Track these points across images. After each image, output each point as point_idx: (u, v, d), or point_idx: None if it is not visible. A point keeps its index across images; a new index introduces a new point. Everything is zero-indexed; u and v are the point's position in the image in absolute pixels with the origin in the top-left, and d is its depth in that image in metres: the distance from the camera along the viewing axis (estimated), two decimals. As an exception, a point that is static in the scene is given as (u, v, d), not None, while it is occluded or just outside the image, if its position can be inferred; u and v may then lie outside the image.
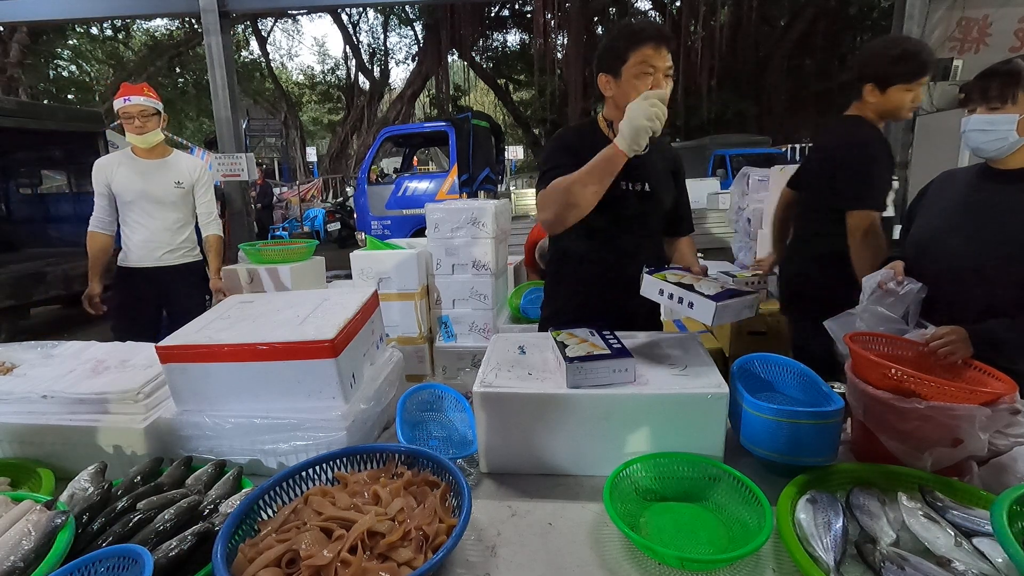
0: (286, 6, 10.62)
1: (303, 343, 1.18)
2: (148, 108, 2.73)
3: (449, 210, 3.04)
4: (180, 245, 2.91)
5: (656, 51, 1.47)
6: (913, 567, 0.81)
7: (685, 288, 1.31)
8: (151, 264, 2.85)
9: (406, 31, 22.48)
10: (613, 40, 1.54)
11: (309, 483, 1.03)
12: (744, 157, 12.84)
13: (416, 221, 8.30)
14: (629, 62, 1.49)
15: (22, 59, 13.04)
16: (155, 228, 2.84)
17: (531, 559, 0.93)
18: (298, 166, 21.97)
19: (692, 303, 1.27)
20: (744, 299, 1.28)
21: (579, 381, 1.14)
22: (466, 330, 3.15)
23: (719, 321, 1.24)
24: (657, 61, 1.47)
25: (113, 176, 2.78)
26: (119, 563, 0.81)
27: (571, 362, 1.15)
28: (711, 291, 1.27)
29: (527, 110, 22.96)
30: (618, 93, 1.55)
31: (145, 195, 2.79)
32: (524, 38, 20.96)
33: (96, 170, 2.80)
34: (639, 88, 1.48)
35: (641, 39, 1.47)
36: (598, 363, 1.15)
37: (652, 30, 1.49)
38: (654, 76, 1.48)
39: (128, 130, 2.73)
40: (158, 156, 2.85)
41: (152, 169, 2.82)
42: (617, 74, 1.53)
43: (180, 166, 2.90)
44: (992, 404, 0.98)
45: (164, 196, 2.82)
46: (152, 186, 2.80)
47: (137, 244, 2.84)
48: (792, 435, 1.08)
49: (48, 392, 1.24)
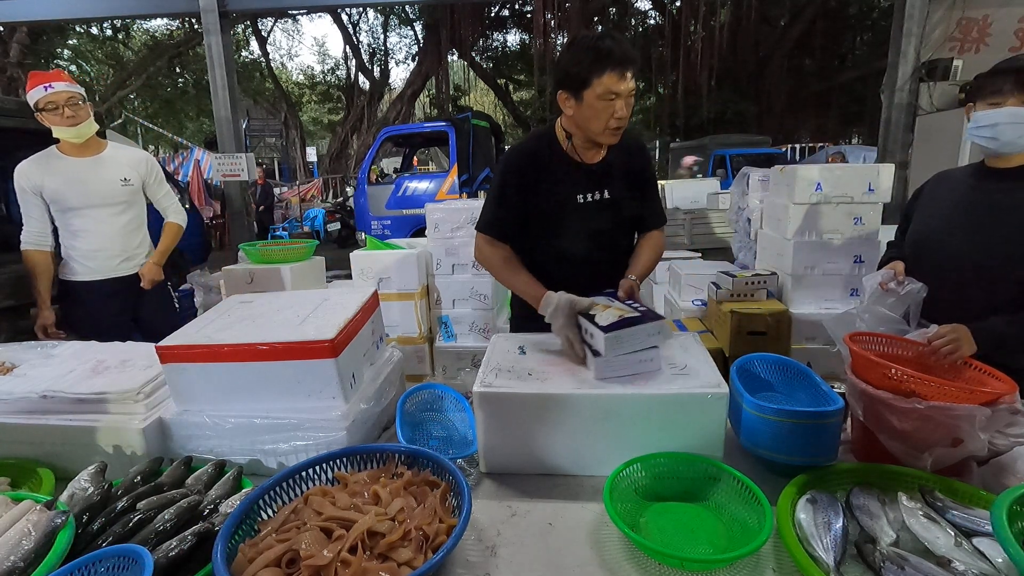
0: (286, 6, 10.63)
1: (303, 343, 1.18)
2: (77, 94, 2.32)
3: (449, 210, 3.04)
4: (136, 250, 2.55)
5: (620, 78, 1.43)
6: (913, 567, 0.81)
7: (588, 319, 1.29)
8: (105, 276, 2.48)
9: (406, 31, 22.48)
10: (576, 62, 1.47)
11: (309, 483, 1.03)
12: (744, 157, 12.85)
13: (416, 221, 8.30)
14: (591, 87, 1.45)
15: (22, 59, 13.04)
16: (105, 235, 2.44)
17: (531, 559, 0.93)
18: (298, 166, 21.95)
19: (592, 333, 1.25)
20: (643, 327, 1.21)
21: (617, 351, 1.17)
22: (466, 330, 3.15)
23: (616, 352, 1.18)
24: (620, 87, 1.44)
25: (43, 181, 2.35)
26: (119, 563, 0.82)
27: (608, 331, 1.17)
28: (607, 321, 1.23)
29: (527, 110, 22.96)
30: (578, 115, 1.53)
31: (88, 199, 2.38)
32: (524, 38, 20.95)
33: (19, 176, 2.34)
34: (601, 114, 1.48)
35: (604, 66, 1.42)
36: (634, 328, 1.19)
37: (616, 55, 1.42)
38: (616, 101, 1.45)
39: (55, 123, 2.29)
40: (93, 152, 2.43)
41: (90, 168, 2.40)
42: (578, 97, 1.49)
43: (122, 160, 2.49)
44: (992, 404, 0.98)
45: (111, 197, 2.42)
46: (95, 187, 2.39)
47: (85, 255, 2.44)
48: (792, 435, 1.08)
49: (48, 392, 1.24)
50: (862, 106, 17.58)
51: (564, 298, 1.37)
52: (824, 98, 18.99)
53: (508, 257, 1.67)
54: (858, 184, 2.79)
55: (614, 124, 1.49)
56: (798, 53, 17.97)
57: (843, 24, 17.36)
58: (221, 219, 11.06)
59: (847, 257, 2.86)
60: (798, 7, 16.77)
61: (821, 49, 17.50)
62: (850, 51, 18.79)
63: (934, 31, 5.00)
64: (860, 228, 2.83)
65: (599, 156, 1.65)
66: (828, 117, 19.50)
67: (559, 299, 1.37)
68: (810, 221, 2.85)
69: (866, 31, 18.03)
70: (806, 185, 2.82)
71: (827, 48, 17.74)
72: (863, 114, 18.13)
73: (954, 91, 4.92)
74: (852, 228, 2.83)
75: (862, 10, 17.43)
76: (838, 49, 18.37)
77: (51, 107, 2.28)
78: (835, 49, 18.27)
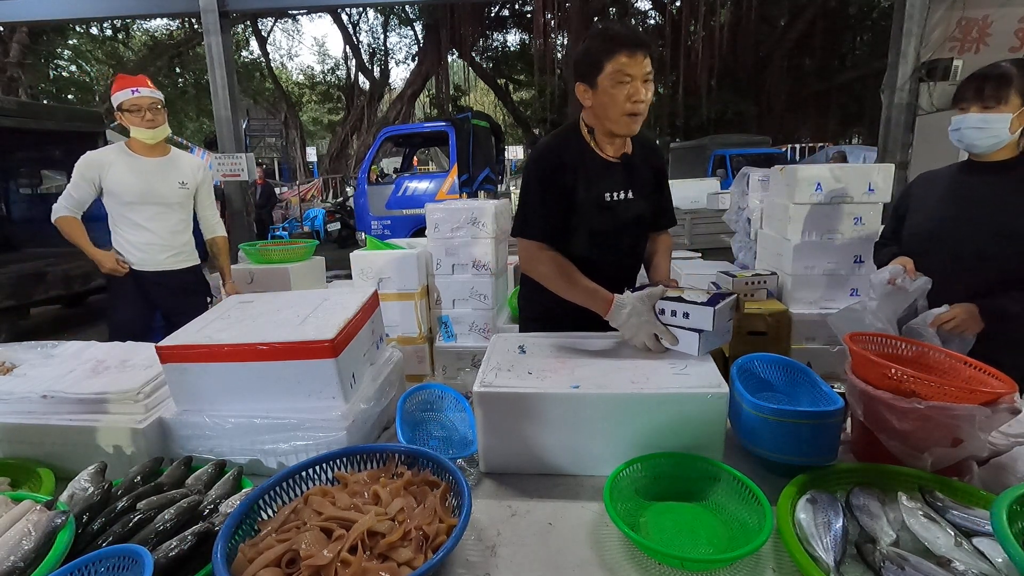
0: (286, 6, 10.63)
1: (303, 343, 1.18)
2: (158, 100, 2.56)
3: (449, 210, 3.04)
4: (182, 248, 2.77)
5: (631, 58, 1.42)
6: (913, 567, 0.81)
7: (675, 300, 1.32)
8: (152, 268, 2.68)
9: (406, 31, 22.49)
10: (587, 49, 1.48)
11: (309, 483, 1.03)
12: (744, 157, 12.86)
13: (416, 221, 8.30)
14: (605, 71, 1.44)
15: (22, 59, 13.03)
16: (159, 230, 2.66)
17: (531, 559, 0.93)
18: (298, 166, 21.96)
19: (687, 313, 1.29)
20: (731, 299, 1.34)
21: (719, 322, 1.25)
22: (466, 330, 3.15)
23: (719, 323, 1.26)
24: (633, 68, 1.42)
25: (107, 173, 2.55)
26: (119, 563, 0.81)
27: (713, 304, 1.24)
28: (702, 298, 1.30)
29: (527, 110, 22.96)
30: (596, 103, 1.51)
31: (149, 195, 2.61)
32: (524, 38, 20.96)
33: (85, 165, 2.55)
34: (616, 98, 1.46)
35: (615, 47, 1.42)
36: (727, 300, 1.30)
37: (626, 36, 1.43)
38: (631, 84, 1.44)
39: (135, 124, 2.52)
40: (160, 154, 2.67)
41: (154, 168, 2.63)
42: (593, 84, 1.49)
43: (183, 166, 2.74)
44: (992, 404, 0.98)
45: (169, 197, 2.65)
46: (156, 186, 2.62)
47: (138, 247, 2.65)
48: (792, 435, 1.08)
49: (48, 392, 1.24)
50: (862, 106, 17.59)
51: (636, 295, 1.36)
52: (824, 98, 19.00)
53: (562, 264, 1.56)
54: (858, 184, 2.79)
55: (630, 108, 1.46)
56: (798, 53, 17.98)
57: (843, 24, 17.37)
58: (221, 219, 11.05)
59: (847, 257, 2.86)
60: (798, 7, 16.77)
61: (821, 49, 17.51)
62: (850, 51, 18.79)
63: (934, 31, 5.00)
64: (860, 228, 2.83)
65: (620, 151, 1.62)
66: (828, 117, 19.51)
67: (633, 299, 1.35)
68: (810, 221, 2.86)
69: (866, 31, 18.04)
70: (806, 185, 2.82)
71: (827, 48, 17.74)
72: (863, 114, 18.14)
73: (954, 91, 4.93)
74: (852, 228, 2.84)
75: (862, 10, 17.43)
76: (838, 49, 18.37)
77: (134, 109, 2.49)
78: (835, 49, 18.27)
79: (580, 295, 1.50)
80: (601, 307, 1.42)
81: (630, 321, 1.34)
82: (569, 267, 1.55)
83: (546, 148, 1.63)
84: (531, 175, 1.60)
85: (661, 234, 1.80)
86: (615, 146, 1.61)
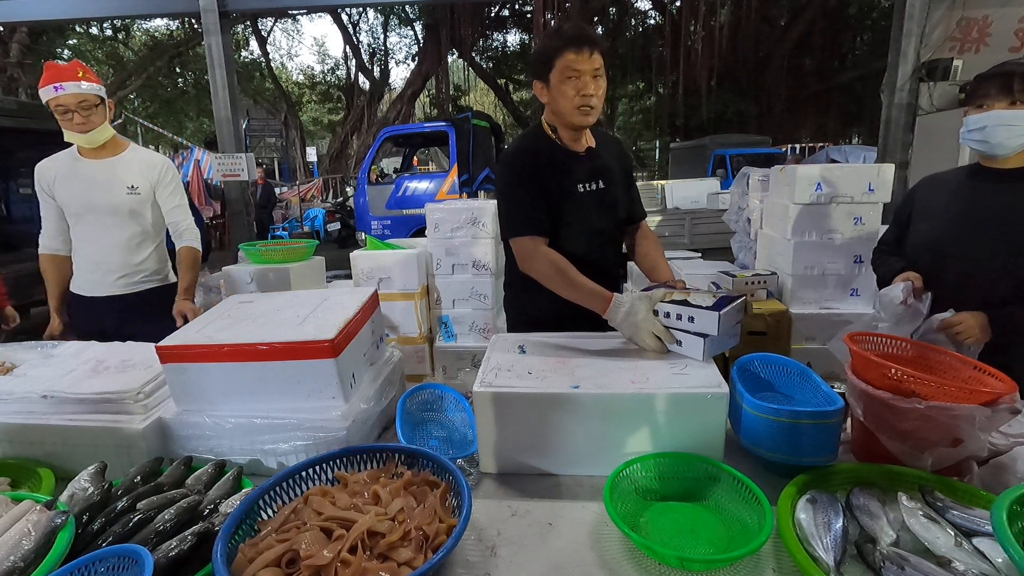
0: (286, 6, 10.62)
1: (303, 343, 1.18)
2: (89, 97, 2.04)
3: (449, 210, 3.04)
4: (138, 268, 2.25)
5: (579, 54, 1.49)
6: (913, 567, 0.81)
7: (680, 304, 1.30)
8: (103, 293, 2.22)
9: (406, 31, 22.47)
10: (540, 48, 1.59)
11: (309, 483, 1.03)
12: (744, 157, 12.86)
13: (416, 221, 8.30)
14: (555, 68, 1.53)
15: (22, 59, 13.01)
16: (105, 247, 2.20)
17: (531, 559, 0.93)
18: (298, 166, 21.95)
19: (692, 317, 1.27)
20: (738, 303, 1.31)
21: (725, 326, 1.22)
22: (466, 330, 3.15)
23: (723, 327, 1.24)
24: (581, 64, 1.50)
25: (55, 184, 2.15)
26: (119, 563, 0.82)
27: (719, 308, 1.22)
28: (708, 302, 1.28)
29: (527, 110, 22.94)
30: (550, 99, 1.60)
31: (91, 206, 2.16)
32: (524, 38, 20.94)
33: (37, 178, 2.17)
34: (567, 93, 1.53)
35: (563, 45, 1.51)
36: (734, 303, 1.27)
37: (573, 34, 1.51)
38: (580, 79, 1.51)
39: (66, 127, 2.06)
40: (108, 154, 2.19)
41: (98, 172, 2.16)
42: (547, 81, 1.57)
43: (132, 166, 2.21)
44: (992, 404, 0.98)
45: (117, 206, 2.16)
46: (99, 193, 2.15)
47: (86, 267, 2.24)
48: (792, 435, 1.08)
49: (48, 392, 1.24)
50: (862, 106, 17.58)
51: (636, 295, 1.37)
52: (824, 98, 18.99)
53: (560, 263, 1.55)
54: (858, 184, 2.79)
55: (579, 101, 1.53)
56: (798, 53, 17.95)
57: (843, 24, 17.34)
58: (221, 219, 11.07)
59: (847, 257, 2.86)
60: (798, 7, 16.75)
61: (821, 49, 17.49)
62: (850, 51, 18.77)
63: (934, 31, 5.00)
64: (860, 228, 2.83)
65: (584, 145, 1.69)
66: (828, 117, 19.49)
67: (632, 299, 1.36)
68: (810, 221, 2.85)
69: (866, 31, 18.01)
70: (806, 185, 2.82)
71: (827, 48, 17.72)
72: (863, 114, 18.13)
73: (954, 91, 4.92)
74: (852, 228, 2.84)
75: (862, 10, 17.41)
76: (838, 49, 18.35)
77: (61, 110, 2.03)
78: (835, 49, 18.25)
79: (579, 294, 1.50)
80: (600, 306, 1.43)
81: (628, 320, 1.34)
82: (567, 266, 1.56)
83: (517, 149, 1.71)
84: (509, 178, 1.66)
85: (640, 227, 1.85)
86: (578, 140, 1.68)
